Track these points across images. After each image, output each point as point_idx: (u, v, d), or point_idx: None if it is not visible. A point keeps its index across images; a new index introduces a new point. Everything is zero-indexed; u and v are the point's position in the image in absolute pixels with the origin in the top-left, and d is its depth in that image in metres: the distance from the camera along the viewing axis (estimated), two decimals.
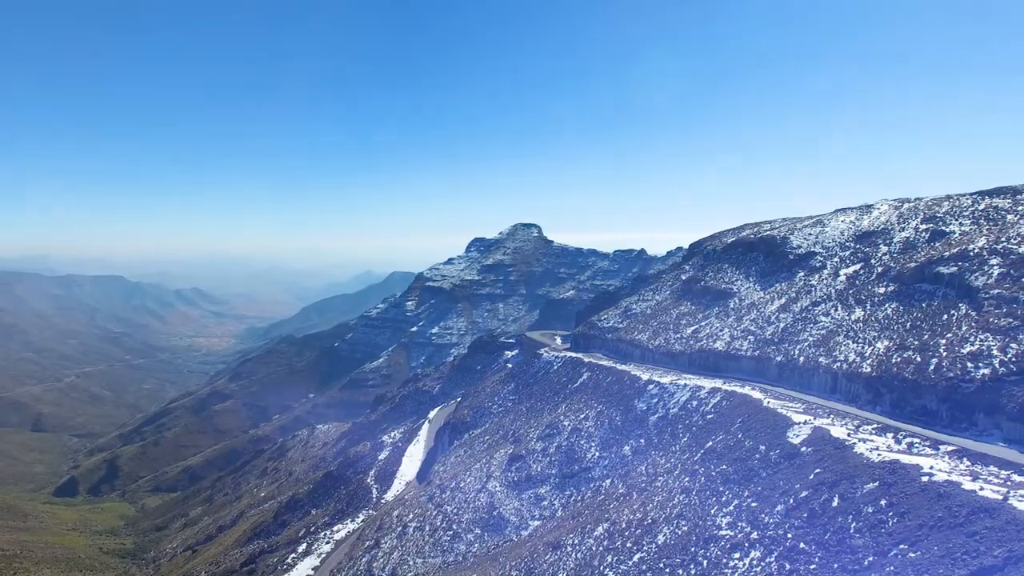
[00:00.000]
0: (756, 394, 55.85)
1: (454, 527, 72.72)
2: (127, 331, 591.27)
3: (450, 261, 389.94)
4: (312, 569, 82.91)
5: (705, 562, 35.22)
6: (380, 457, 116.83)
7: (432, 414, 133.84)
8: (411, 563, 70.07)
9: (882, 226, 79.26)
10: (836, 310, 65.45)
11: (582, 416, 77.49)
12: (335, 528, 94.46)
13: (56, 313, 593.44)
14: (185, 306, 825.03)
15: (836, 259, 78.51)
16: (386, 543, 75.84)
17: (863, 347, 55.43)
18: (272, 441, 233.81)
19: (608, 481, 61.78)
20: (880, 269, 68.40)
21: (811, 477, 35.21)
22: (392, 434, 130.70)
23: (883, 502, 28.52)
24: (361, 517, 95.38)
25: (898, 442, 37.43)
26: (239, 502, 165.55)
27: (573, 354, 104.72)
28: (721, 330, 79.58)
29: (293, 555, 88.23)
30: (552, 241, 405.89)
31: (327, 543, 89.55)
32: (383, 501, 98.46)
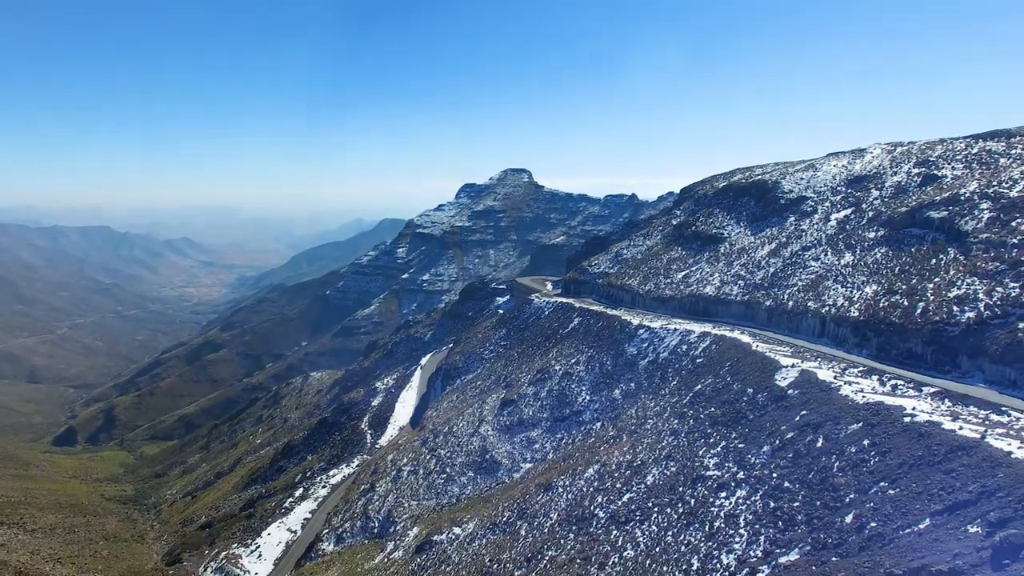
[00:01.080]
0: (745, 338, 56.53)
1: (448, 470, 74.35)
2: (117, 282, 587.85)
3: (440, 207, 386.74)
4: (309, 513, 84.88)
5: (692, 501, 36.25)
6: (373, 403, 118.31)
7: (424, 360, 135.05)
8: (406, 506, 71.87)
9: (874, 170, 78.94)
10: (826, 255, 65.72)
11: (573, 361, 78.40)
12: (331, 473, 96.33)
13: (44, 265, 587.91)
14: (175, 256, 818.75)
15: (827, 204, 78.40)
16: (381, 487, 77.56)
17: (852, 291, 55.91)
18: (266, 389, 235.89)
19: (599, 424, 62.99)
20: (871, 214, 68.44)
21: (797, 419, 35.98)
22: (385, 380, 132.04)
23: (866, 442, 29.25)
24: (356, 462, 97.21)
25: (883, 384, 38.15)
26: (235, 449, 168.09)
27: (564, 299, 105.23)
28: (711, 275, 79.92)
29: (291, 499, 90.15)
30: (543, 186, 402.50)
31: (323, 487, 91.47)
32: (377, 446, 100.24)
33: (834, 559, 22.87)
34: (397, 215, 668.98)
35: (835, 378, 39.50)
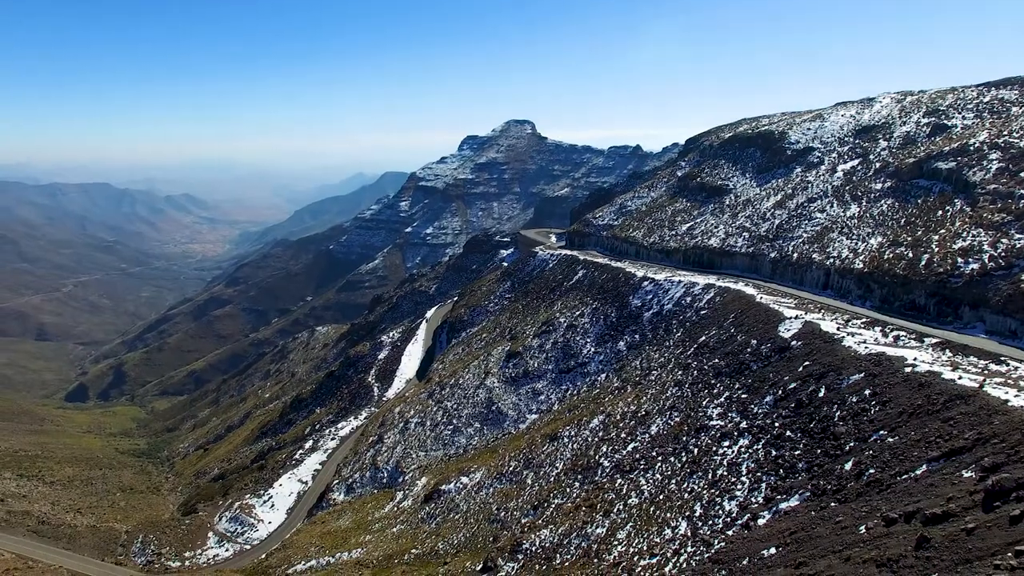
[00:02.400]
0: (749, 290, 56.77)
1: (454, 422, 75.81)
2: (120, 239, 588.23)
3: (443, 160, 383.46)
4: (319, 464, 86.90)
5: (696, 450, 37.09)
6: (380, 357, 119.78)
7: (429, 313, 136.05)
8: (414, 456, 73.56)
9: (883, 120, 77.85)
10: (832, 206, 65.43)
11: (578, 313, 78.99)
12: (339, 425, 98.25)
13: (45, 222, 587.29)
14: (177, 212, 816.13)
15: (834, 154, 77.62)
16: (389, 438, 79.23)
17: (856, 243, 55.89)
18: (273, 344, 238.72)
19: (603, 376, 63.89)
20: (878, 165, 67.81)
21: (800, 369, 36.47)
22: (391, 334, 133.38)
23: (867, 392, 29.72)
24: (364, 414, 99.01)
25: (885, 335, 38.51)
26: (245, 403, 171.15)
27: (568, 252, 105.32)
28: (716, 227, 79.76)
29: (301, 451, 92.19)
30: (546, 138, 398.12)
31: (332, 439, 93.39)
32: (385, 399, 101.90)
33: (833, 504, 23.56)
34: (399, 168, 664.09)
35: (838, 329, 39.86)
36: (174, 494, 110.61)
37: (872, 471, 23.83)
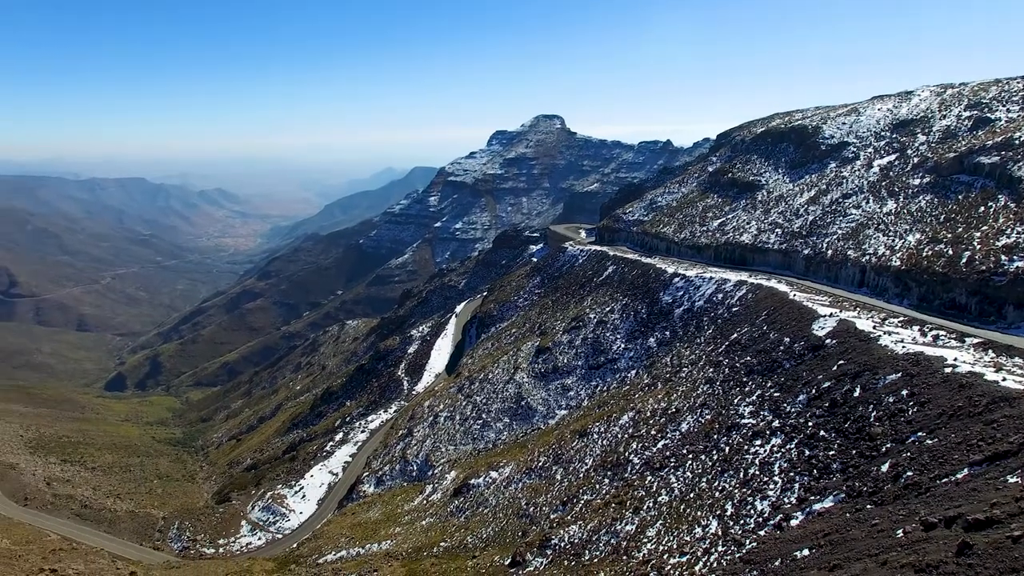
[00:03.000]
0: (782, 287, 56.00)
1: (484, 416, 76.17)
2: (155, 233, 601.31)
3: (472, 155, 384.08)
4: (349, 456, 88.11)
5: (727, 448, 36.78)
6: (409, 351, 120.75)
7: (459, 308, 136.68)
8: (443, 450, 74.12)
9: (921, 114, 75.99)
10: (868, 202, 64.11)
11: (607, 309, 78.71)
12: (369, 418, 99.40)
13: (84, 216, 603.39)
14: (209, 207, 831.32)
15: (870, 149, 76.00)
16: (419, 432, 79.92)
17: (893, 240, 54.71)
18: (304, 337, 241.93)
19: (633, 372, 63.64)
20: (916, 160, 66.25)
21: (834, 368, 35.91)
22: (420, 328, 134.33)
23: (904, 392, 29.15)
24: (394, 408, 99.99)
25: (924, 335, 37.70)
26: (276, 395, 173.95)
27: (598, 247, 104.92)
28: (748, 223, 78.74)
29: (331, 443, 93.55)
30: (575, 133, 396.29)
31: (362, 432, 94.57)
32: (414, 392, 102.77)
33: (869, 507, 23.18)
34: (428, 163, 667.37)
35: (874, 328, 39.13)
36: (208, 482, 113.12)
37: (910, 474, 23.39)
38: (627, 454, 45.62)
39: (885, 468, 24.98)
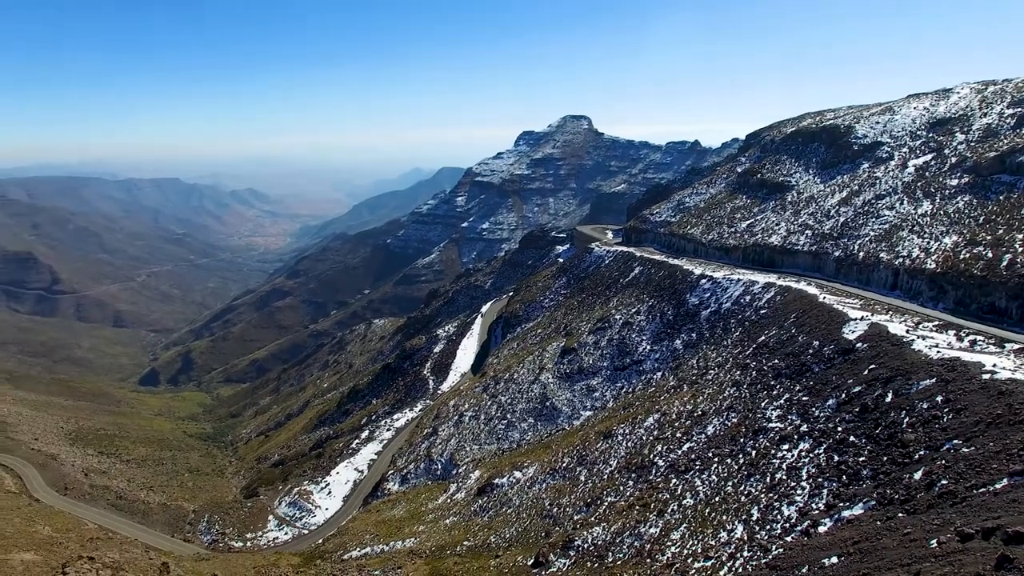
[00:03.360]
0: (812, 289, 55.06)
1: (508, 416, 76.13)
2: (188, 232, 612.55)
3: (499, 155, 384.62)
4: (375, 454, 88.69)
5: (754, 452, 36.20)
6: (435, 350, 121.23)
7: (485, 308, 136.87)
8: (468, 449, 74.24)
9: (960, 112, 74.08)
10: (902, 203, 62.70)
11: (633, 310, 78.17)
12: (395, 417, 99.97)
13: (122, 216, 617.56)
14: (241, 206, 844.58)
15: (905, 149, 74.32)
16: (444, 431, 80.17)
17: (929, 242, 53.43)
18: (331, 335, 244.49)
19: (659, 374, 63.08)
20: (954, 159, 64.61)
21: (865, 373, 35.13)
22: (446, 328, 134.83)
23: (939, 398, 28.38)
24: (419, 406, 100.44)
25: (960, 339, 36.70)
26: (304, 392, 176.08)
27: (624, 248, 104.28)
28: (777, 224, 77.57)
29: (357, 441, 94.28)
30: (603, 133, 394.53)
31: (388, 430, 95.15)
32: (439, 392, 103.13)
33: (901, 515, 22.56)
34: (455, 163, 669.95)
35: (907, 332, 38.22)
36: (237, 477, 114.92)
37: (945, 482, 22.73)
38: (652, 456, 45.20)
39: (918, 476, 24.33)
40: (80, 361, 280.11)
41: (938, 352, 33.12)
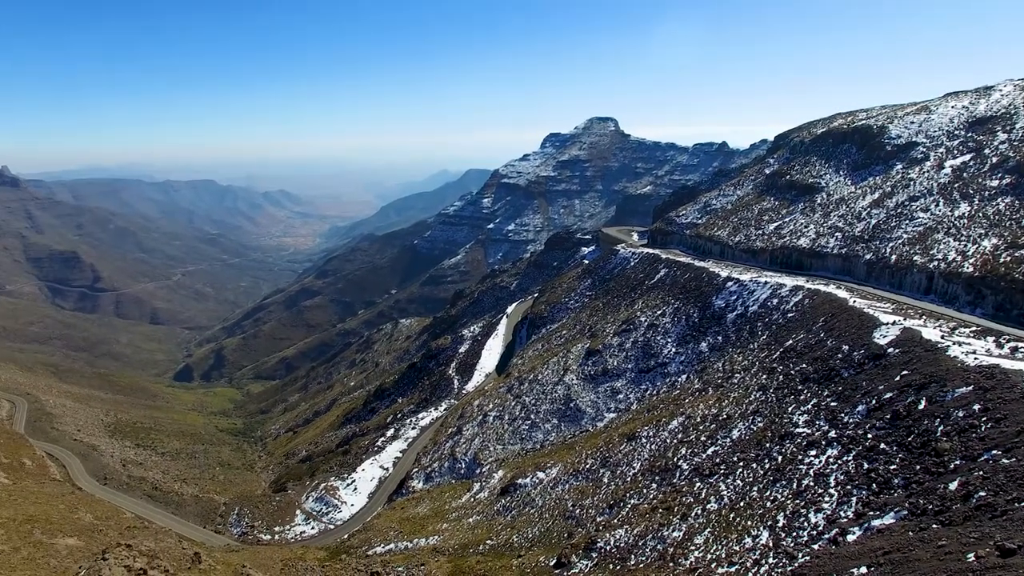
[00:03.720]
0: (841, 293, 54.01)
1: (532, 417, 75.98)
2: (222, 232, 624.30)
3: (525, 157, 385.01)
4: (400, 452, 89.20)
5: (780, 458, 35.58)
6: (460, 350, 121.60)
7: (510, 309, 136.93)
8: (491, 449, 74.26)
9: (1003, 110, 71.93)
10: (937, 205, 61.19)
11: (659, 312, 77.49)
12: (420, 415, 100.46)
13: (159, 216, 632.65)
14: (272, 207, 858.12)
15: (942, 149, 72.47)
16: (468, 430, 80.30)
17: (966, 245, 52.05)
18: (358, 334, 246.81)
19: (684, 377, 62.42)
20: (995, 160, 62.80)
21: (897, 379, 34.30)
22: (471, 328, 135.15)
23: (976, 407, 27.54)
24: (444, 406, 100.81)
25: (1000, 346, 35.61)
26: (331, 390, 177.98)
27: (650, 250, 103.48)
28: (806, 226, 76.28)
29: (382, 439, 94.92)
30: (629, 135, 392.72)
31: (413, 429, 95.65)
32: (464, 391, 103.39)
33: (935, 526, 21.92)
34: (482, 165, 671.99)
35: (942, 338, 37.23)
36: (266, 472, 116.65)
37: (983, 494, 22.01)
38: (676, 459, 44.71)
39: (953, 486, 23.64)
40: (119, 356, 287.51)
41: (976, 359, 32.21)
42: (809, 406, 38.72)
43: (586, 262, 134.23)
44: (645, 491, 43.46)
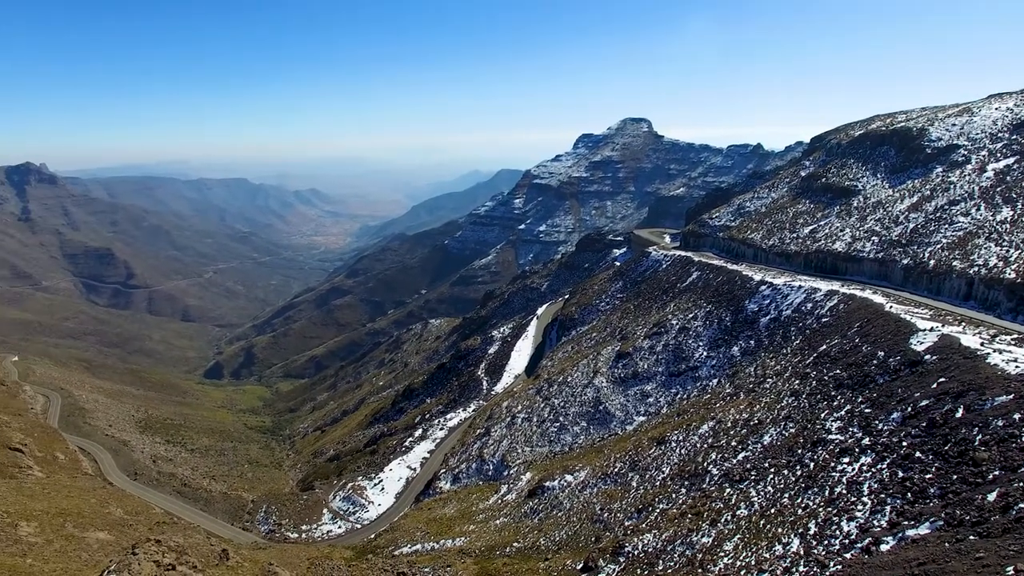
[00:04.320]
0: (877, 298, 53.03)
1: (561, 419, 75.91)
2: (253, 230, 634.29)
3: (557, 158, 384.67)
4: (428, 452, 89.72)
5: (812, 464, 35.08)
6: (490, 351, 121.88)
7: (540, 310, 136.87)
8: (519, 451, 74.34)
9: None
10: (978, 210, 59.73)
11: (690, 315, 76.87)
12: (448, 416, 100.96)
13: (192, 214, 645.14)
14: (303, 206, 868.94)
15: (984, 152, 70.71)
16: (496, 432, 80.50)
17: (1008, 250, 50.72)
18: (388, 334, 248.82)
19: (715, 381, 61.84)
20: None
21: (934, 386, 33.60)
22: (501, 329, 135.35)
23: (1017, 416, 26.85)
24: (472, 407, 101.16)
25: None
26: (360, 389, 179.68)
27: (682, 253, 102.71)
28: (842, 230, 75.02)
29: (410, 439, 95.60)
30: (662, 136, 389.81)
31: (441, 429, 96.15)
32: (493, 392, 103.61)
33: (972, 538, 21.48)
34: (514, 165, 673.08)
35: (982, 345, 36.35)
36: (294, 470, 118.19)
37: (1023, 506, 21.53)
38: (706, 464, 44.34)
39: (992, 497, 23.10)
40: (151, 353, 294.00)
41: (1017, 367, 31.43)
42: (843, 412, 38.12)
43: (617, 264, 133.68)
44: (674, 496, 43.17)
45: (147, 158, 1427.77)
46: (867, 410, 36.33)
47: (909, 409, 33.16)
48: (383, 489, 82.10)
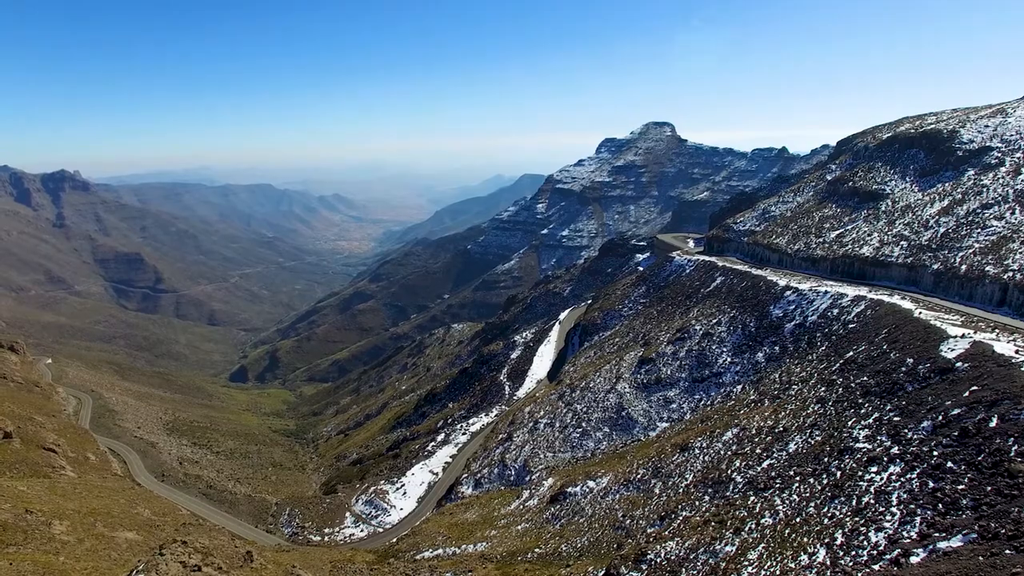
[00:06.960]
0: (906, 304, 52.02)
1: (583, 425, 75.58)
2: (278, 235, 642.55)
3: (580, 162, 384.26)
4: (450, 457, 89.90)
5: (839, 473, 34.46)
6: (512, 356, 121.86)
7: (563, 315, 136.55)
8: (542, 456, 74.13)
9: None
10: (1013, 213, 58.39)
11: (714, 321, 76.13)
12: (471, 421, 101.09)
13: (218, 220, 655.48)
14: (328, 211, 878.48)
15: (1019, 154, 69.10)
16: (518, 437, 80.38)
17: None
18: (410, 339, 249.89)
19: (739, 387, 61.13)
20: None
21: (966, 394, 32.84)
22: (524, 334, 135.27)
23: None
24: (495, 412, 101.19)
25: None
26: (383, 394, 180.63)
27: (706, 258, 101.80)
28: (869, 234, 73.78)
29: (433, 443, 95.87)
30: (686, 140, 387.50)
31: (463, 434, 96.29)
32: (515, 397, 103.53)
33: (1008, 552, 20.92)
34: (536, 170, 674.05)
35: (1017, 352, 35.45)
36: (317, 473, 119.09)
37: None
38: (730, 472, 43.78)
39: None
40: (178, 356, 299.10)
41: None
42: (870, 420, 37.42)
43: (640, 269, 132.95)
44: (697, 503, 42.70)
45: (175, 164, 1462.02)
46: (896, 418, 35.62)
47: (940, 418, 32.44)
48: (405, 493, 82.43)
